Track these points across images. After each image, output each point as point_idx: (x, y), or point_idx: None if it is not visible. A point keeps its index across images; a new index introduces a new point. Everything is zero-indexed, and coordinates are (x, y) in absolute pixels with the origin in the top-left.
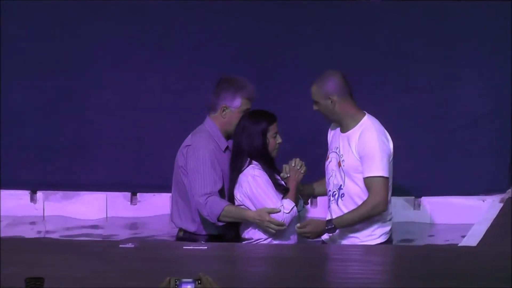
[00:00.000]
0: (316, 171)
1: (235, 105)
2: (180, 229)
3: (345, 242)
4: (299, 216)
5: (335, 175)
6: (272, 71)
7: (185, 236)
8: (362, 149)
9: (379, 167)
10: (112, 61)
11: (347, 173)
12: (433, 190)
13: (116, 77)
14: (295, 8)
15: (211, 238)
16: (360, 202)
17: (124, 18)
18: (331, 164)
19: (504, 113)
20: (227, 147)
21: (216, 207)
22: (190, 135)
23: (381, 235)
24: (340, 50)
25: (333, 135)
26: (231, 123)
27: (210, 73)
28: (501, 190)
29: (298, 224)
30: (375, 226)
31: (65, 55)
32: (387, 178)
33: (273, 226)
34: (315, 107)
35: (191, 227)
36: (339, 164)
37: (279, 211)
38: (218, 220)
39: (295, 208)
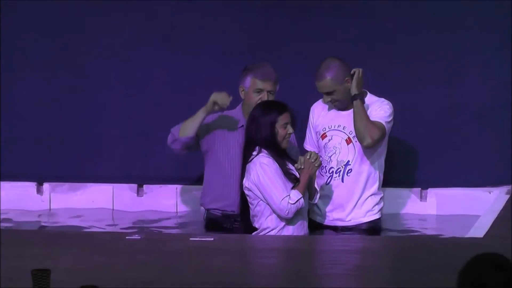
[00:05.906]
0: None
1: (246, 85)
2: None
3: (350, 220)
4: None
5: (340, 152)
6: (279, 67)
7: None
8: (373, 111)
9: (385, 118)
10: (119, 54)
11: (359, 148)
12: (439, 182)
13: (123, 71)
14: (300, 5)
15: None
16: (366, 179)
17: (130, 14)
18: (332, 142)
19: (509, 106)
20: (242, 126)
21: (175, 128)
22: None
23: (378, 211)
24: (344, 47)
25: (327, 115)
26: (247, 103)
27: (216, 68)
28: (508, 182)
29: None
30: (374, 203)
31: (72, 50)
32: (386, 129)
33: None
34: (328, 99)
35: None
36: (347, 141)
37: None
38: (180, 137)
39: (302, 200)
